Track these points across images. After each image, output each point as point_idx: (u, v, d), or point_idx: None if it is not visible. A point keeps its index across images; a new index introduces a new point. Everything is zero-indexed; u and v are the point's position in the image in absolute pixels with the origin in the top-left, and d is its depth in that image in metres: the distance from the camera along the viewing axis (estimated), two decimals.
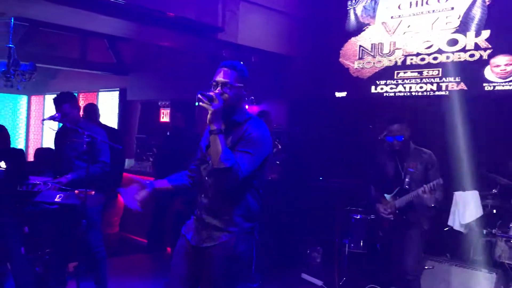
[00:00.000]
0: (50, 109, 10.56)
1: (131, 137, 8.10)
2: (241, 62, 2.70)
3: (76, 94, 9.90)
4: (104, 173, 3.95)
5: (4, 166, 3.32)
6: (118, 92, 8.93)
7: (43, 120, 3.86)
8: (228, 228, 2.51)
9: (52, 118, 3.81)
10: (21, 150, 3.69)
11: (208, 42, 5.80)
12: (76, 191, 3.33)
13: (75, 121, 3.94)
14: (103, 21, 5.06)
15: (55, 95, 4.09)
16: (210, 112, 2.40)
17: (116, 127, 8.66)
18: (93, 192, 3.42)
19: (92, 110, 5.24)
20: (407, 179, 3.94)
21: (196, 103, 2.47)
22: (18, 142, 11.12)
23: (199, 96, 2.42)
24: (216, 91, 2.51)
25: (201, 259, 2.55)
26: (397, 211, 3.95)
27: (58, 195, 3.28)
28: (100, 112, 9.00)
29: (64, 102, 3.97)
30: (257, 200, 2.59)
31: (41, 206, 3.40)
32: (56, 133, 4.23)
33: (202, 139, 2.72)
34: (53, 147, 4.46)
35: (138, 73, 8.44)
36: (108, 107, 9.15)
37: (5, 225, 3.19)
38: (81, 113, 4.77)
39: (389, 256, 4.16)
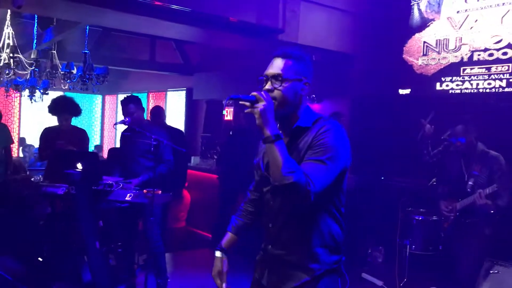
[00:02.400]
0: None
1: (197, 136, 8.41)
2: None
3: (146, 94, 10.44)
4: (170, 171, 4.20)
5: (81, 168, 3.63)
6: (185, 92, 9.28)
7: (115, 124, 4.15)
8: (308, 265, 1.96)
9: (122, 122, 4.09)
10: (95, 153, 3.99)
11: (269, 43, 5.91)
12: (144, 191, 3.57)
13: (139, 122, 4.20)
14: (171, 27, 5.32)
15: (123, 97, 4.39)
16: (256, 116, 1.86)
17: (181, 127, 9.04)
18: (160, 191, 3.64)
19: (158, 112, 5.53)
20: (470, 182, 3.83)
21: (224, 111, 2.05)
22: (94, 140, 11.85)
23: (228, 102, 1.95)
24: (266, 87, 1.99)
25: None
26: (457, 213, 3.86)
27: (128, 194, 3.53)
28: (168, 111, 9.45)
29: (129, 103, 4.24)
30: (340, 224, 2.02)
31: (113, 204, 3.68)
32: (122, 135, 4.51)
33: (257, 157, 2.19)
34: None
35: (204, 73, 8.72)
36: (176, 106, 9.54)
37: (82, 221, 3.50)
38: (148, 115, 5.06)
39: (449, 259, 4.08)
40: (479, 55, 5.36)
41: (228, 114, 8.02)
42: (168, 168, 4.19)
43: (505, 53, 5.13)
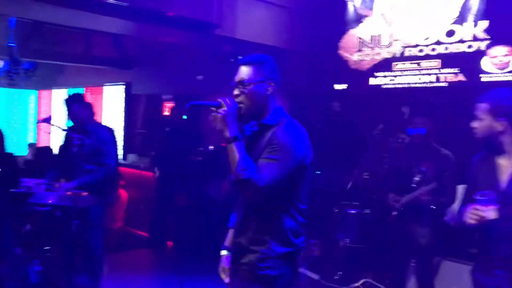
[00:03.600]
0: (58, 104, 10.74)
1: (134, 132, 8.21)
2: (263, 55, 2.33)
3: (83, 89, 10.06)
4: (107, 176, 4.05)
5: None
6: (123, 86, 9.02)
7: (38, 122, 3.96)
8: (255, 247, 2.17)
9: (45, 120, 3.91)
10: (11, 154, 3.78)
11: (207, 38, 5.84)
12: (68, 193, 3.42)
13: (82, 122, 4.03)
14: (107, 21, 5.17)
15: (66, 96, 4.20)
16: (217, 120, 2.12)
17: (120, 123, 8.79)
18: (86, 193, 3.50)
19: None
20: (416, 178, 3.82)
21: (184, 117, 2.27)
22: (28, 137, 11.31)
23: (191, 106, 2.21)
24: (234, 92, 2.24)
25: (237, 275, 2.27)
26: (402, 208, 3.88)
27: (50, 197, 3.36)
28: (106, 106, 9.16)
29: (72, 103, 4.07)
30: (296, 220, 2.18)
31: (34, 207, 3.50)
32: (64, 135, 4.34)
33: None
34: (56, 144, 4.57)
35: (143, 67, 8.51)
36: (114, 101, 9.26)
37: None
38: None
39: (384, 251, 4.16)
40: (410, 51, 5.52)
41: (168, 110, 7.87)
42: (104, 173, 4.03)
43: (433, 49, 5.30)
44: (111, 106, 9.29)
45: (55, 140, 8.29)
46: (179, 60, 7.46)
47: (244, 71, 2.23)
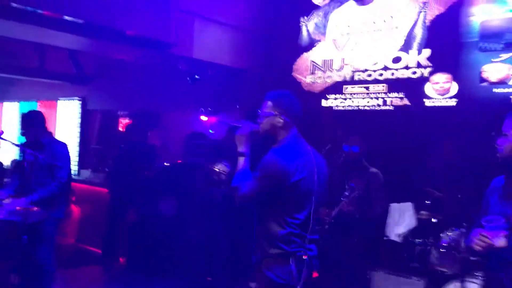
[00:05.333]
0: (8, 116, 10.48)
1: (89, 148, 8.13)
2: (284, 92, 2.85)
3: (35, 103, 9.86)
4: (59, 190, 4.05)
5: None
6: (77, 101, 8.92)
7: None
8: (256, 250, 2.62)
9: None
10: None
11: (163, 56, 5.93)
12: (17, 208, 3.39)
13: (35, 136, 4.02)
14: (62, 37, 5.16)
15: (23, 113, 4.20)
16: (236, 138, 2.68)
17: (74, 139, 8.68)
18: (36, 208, 3.49)
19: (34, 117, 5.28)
20: (346, 192, 4.09)
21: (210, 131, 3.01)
22: None
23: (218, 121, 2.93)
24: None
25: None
26: (332, 220, 4.10)
27: None
28: (60, 121, 9.02)
29: (25, 119, 4.08)
30: (284, 229, 2.50)
31: None
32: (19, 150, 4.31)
33: None
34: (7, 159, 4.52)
35: (99, 82, 8.46)
36: (68, 116, 9.13)
37: None
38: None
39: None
40: (359, 75, 5.80)
41: (123, 126, 7.85)
42: (57, 187, 4.04)
43: (381, 74, 5.60)
44: (65, 120, 9.16)
45: (6, 155, 8.09)
46: (135, 77, 7.50)
47: (265, 104, 2.72)
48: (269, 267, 2.52)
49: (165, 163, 6.06)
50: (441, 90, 5.15)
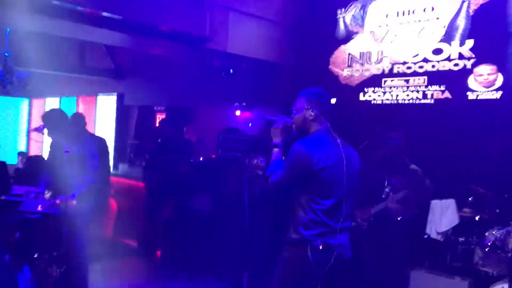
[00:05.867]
0: None
1: (126, 142, 8.24)
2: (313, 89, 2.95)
3: (75, 98, 10.10)
4: (96, 184, 4.08)
5: None
6: (115, 97, 9.07)
7: (29, 131, 3.99)
8: (285, 234, 2.79)
9: (37, 129, 3.95)
10: (2, 162, 3.82)
11: (198, 51, 5.93)
12: (57, 201, 3.45)
13: (64, 133, 4.06)
14: (101, 33, 5.25)
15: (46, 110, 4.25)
16: (272, 131, 2.85)
17: (111, 134, 8.83)
18: (74, 201, 3.53)
19: (77, 119, 5.29)
20: (386, 189, 3.92)
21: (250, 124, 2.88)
22: (19, 145, 11.29)
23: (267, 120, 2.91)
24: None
25: None
26: (371, 218, 3.96)
27: (40, 205, 3.39)
28: (98, 116, 9.20)
29: (53, 116, 4.12)
30: (307, 215, 2.67)
31: (23, 215, 3.51)
32: (51, 144, 4.36)
33: None
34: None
35: (136, 78, 8.57)
36: (107, 112, 9.31)
37: None
38: None
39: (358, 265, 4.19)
40: (398, 67, 5.63)
41: (160, 121, 7.93)
42: (93, 178, 4.07)
43: (421, 67, 5.42)
44: (104, 116, 9.34)
45: (47, 150, 8.31)
46: (171, 72, 7.55)
47: (298, 101, 2.89)
48: (288, 252, 2.72)
49: (200, 158, 6.07)
50: (485, 82, 4.94)
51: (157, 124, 7.80)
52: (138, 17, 5.02)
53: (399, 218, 3.80)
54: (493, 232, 4.09)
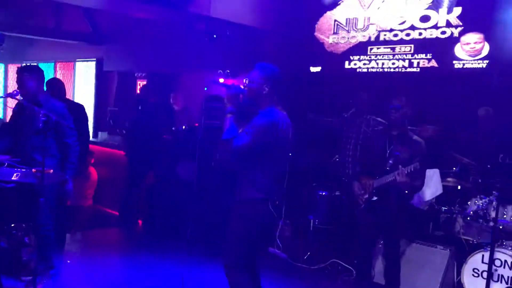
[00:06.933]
0: None
1: (106, 110, 8.05)
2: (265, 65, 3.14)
3: (53, 64, 9.78)
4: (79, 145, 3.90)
5: None
6: (94, 62, 8.80)
7: (3, 96, 3.78)
8: (238, 194, 3.08)
9: (9, 95, 3.75)
10: None
11: (180, 14, 5.72)
12: (33, 170, 3.31)
13: (33, 95, 3.83)
14: None
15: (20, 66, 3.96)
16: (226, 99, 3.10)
17: (91, 100, 8.62)
18: (51, 170, 3.40)
19: (54, 85, 5.04)
20: (390, 161, 3.73)
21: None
22: None
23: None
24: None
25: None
26: (374, 191, 3.84)
27: (15, 174, 3.25)
28: (77, 82, 8.95)
29: (24, 72, 3.88)
30: (265, 175, 3.01)
31: None
32: (13, 110, 4.13)
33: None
34: None
35: (115, 43, 8.30)
36: (85, 78, 9.05)
37: None
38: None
39: (351, 233, 4.18)
40: (385, 35, 5.53)
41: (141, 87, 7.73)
42: (76, 144, 3.87)
43: (408, 34, 5.33)
44: (82, 82, 9.09)
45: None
46: (152, 37, 7.31)
47: (254, 73, 3.08)
48: (248, 209, 3.01)
49: (183, 127, 5.95)
50: (472, 51, 4.88)
51: (138, 91, 7.60)
52: None
53: (406, 191, 3.68)
54: (475, 202, 4.11)
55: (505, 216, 3.97)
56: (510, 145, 4.07)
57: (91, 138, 6.66)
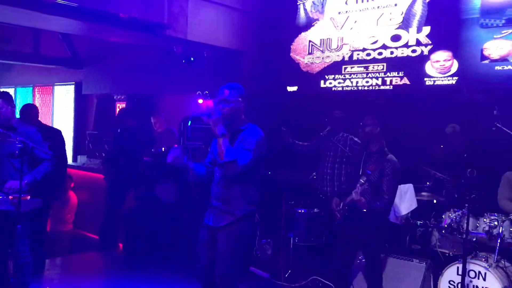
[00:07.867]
0: None
1: (85, 133, 8.03)
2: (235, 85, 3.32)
3: (31, 88, 9.76)
4: (53, 167, 3.88)
5: None
6: (73, 86, 8.81)
7: None
8: (234, 212, 3.15)
9: None
10: None
11: (158, 38, 5.80)
12: (10, 197, 3.30)
13: (6, 120, 3.83)
14: (56, 21, 5.04)
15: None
16: (211, 123, 3.07)
17: (70, 124, 8.59)
18: (28, 196, 3.40)
19: (29, 110, 5.04)
20: (361, 180, 3.77)
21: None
22: None
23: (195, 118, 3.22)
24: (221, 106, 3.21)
25: (218, 236, 3.19)
26: (346, 207, 3.90)
27: None
28: (56, 106, 8.92)
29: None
30: (256, 188, 3.22)
31: None
32: None
33: (211, 146, 3.42)
34: None
35: (94, 67, 8.33)
36: (64, 101, 9.04)
37: None
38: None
39: (330, 249, 4.22)
40: (358, 54, 5.68)
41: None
42: (51, 164, 3.86)
43: (380, 53, 5.48)
44: (61, 106, 9.08)
45: None
46: (130, 61, 7.37)
47: (226, 93, 3.22)
48: (248, 224, 3.19)
49: (162, 148, 5.98)
50: (441, 69, 5.04)
51: (117, 114, 7.63)
52: (95, 3, 4.85)
53: (364, 210, 3.74)
54: (449, 215, 4.20)
55: (478, 228, 4.07)
56: (477, 160, 4.19)
57: (70, 162, 6.65)
